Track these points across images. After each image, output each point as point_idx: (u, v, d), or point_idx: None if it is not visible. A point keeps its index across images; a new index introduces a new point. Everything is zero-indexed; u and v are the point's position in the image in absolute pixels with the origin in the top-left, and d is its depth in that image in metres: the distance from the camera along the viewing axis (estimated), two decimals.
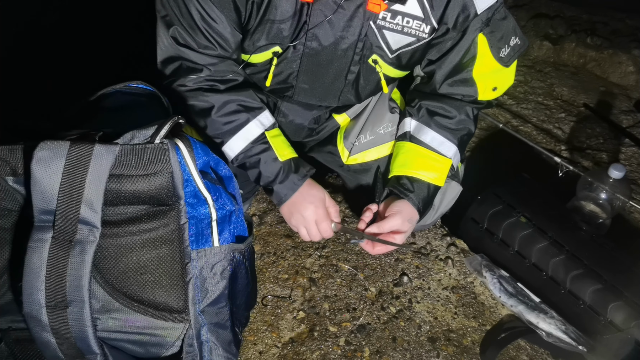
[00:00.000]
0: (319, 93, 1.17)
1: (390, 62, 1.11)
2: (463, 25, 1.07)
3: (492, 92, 1.17)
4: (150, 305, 0.88)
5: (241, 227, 0.99)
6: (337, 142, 1.33)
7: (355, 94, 1.19)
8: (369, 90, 1.19)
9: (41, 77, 1.74)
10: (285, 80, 1.14)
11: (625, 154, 1.92)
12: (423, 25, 1.06)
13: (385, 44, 1.07)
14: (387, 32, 1.05)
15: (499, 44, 1.10)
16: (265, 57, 1.09)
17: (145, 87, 1.04)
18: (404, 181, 1.13)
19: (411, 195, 1.10)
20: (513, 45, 1.12)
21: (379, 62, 1.10)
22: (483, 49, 1.10)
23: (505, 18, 1.09)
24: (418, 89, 1.24)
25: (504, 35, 1.10)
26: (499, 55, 1.11)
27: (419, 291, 1.25)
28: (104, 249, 0.85)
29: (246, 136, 1.08)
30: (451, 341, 1.15)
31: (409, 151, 1.17)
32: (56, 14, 2.13)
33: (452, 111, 1.16)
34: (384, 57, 1.10)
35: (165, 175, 0.83)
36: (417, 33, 1.06)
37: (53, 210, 0.76)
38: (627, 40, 2.49)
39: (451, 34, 1.09)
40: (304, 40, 1.04)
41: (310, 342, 1.12)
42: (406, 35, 1.06)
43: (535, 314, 1.17)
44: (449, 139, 1.16)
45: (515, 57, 1.13)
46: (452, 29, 1.07)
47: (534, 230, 1.26)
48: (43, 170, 0.76)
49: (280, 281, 1.25)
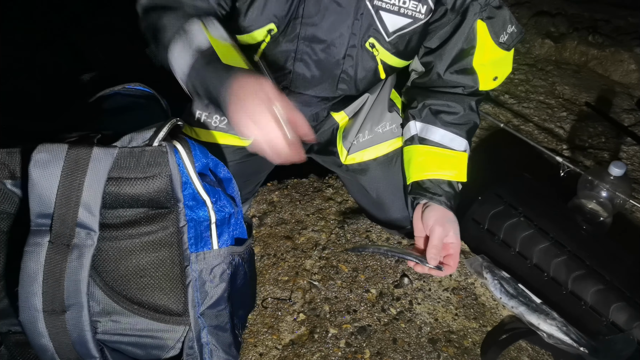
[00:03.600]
0: (317, 80, 1.16)
1: (388, 46, 1.10)
2: (462, 6, 1.07)
3: (493, 82, 1.17)
4: (150, 308, 0.88)
5: (240, 229, 0.99)
6: (337, 141, 1.33)
7: (353, 83, 1.18)
8: (367, 80, 1.18)
9: (39, 78, 1.74)
10: (284, 66, 1.13)
11: (627, 153, 1.91)
12: (419, 5, 1.05)
13: (382, 25, 1.06)
14: (384, 13, 1.05)
15: (497, 30, 1.10)
16: (260, 37, 1.08)
17: (144, 89, 1.04)
18: (428, 185, 1.12)
19: (439, 198, 1.09)
20: (510, 32, 1.11)
21: (376, 46, 1.09)
22: (483, 36, 1.10)
23: (501, 7, 1.09)
24: (417, 85, 1.23)
25: (502, 22, 1.10)
26: (499, 41, 1.11)
27: (420, 292, 1.25)
28: (104, 252, 0.84)
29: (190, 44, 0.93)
30: (452, 342, 1.15)
31: (423, 154, 1.16)
32: (56, 14, 2.13)
33: (456, 106, 1.15)
34: (380, 40, 1.09)
35: (164, 178, 0.82)
36: (413, 14, 1.06)
37: (50, 213, 0.76)
38: (629, 38, 2.48)
39: (449, 16, 1.08)
40: (300, 18, 1.03)
41: (311, 344, 1.12)
42: (402, 16, 1.06)
43: (536, 315, 1.17)
44: (458, 134, 1.15)
45: (513, 43, 1.13)
46: (451, 10, 1.07)
47: (535, 230, 1.25)
48: (41, 173, 0.76)
49: (281, 283, 1.24)
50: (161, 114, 1.02)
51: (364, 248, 1.19)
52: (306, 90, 1.19)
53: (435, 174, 1.13)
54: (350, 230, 1.40)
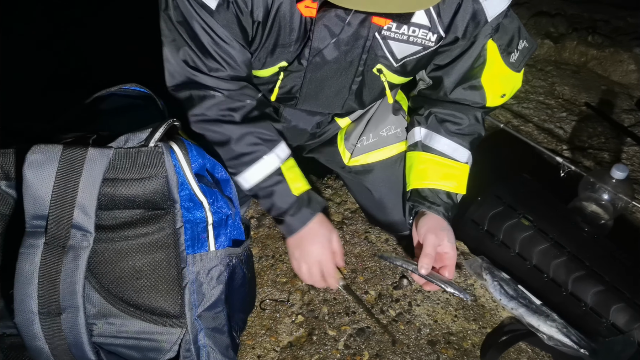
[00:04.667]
0: (323, 103, 1.16)
1: (395, 70, 1.09)
2: (473, 33, 1.04)
3: (500, 99, 1.16)
4: (146, 310, 0.88)
5: (238, 231, 0.98)
6: (338, 143, 1.32)
7: (359, 102, 1.18)
8: (373, 97, 1.18)
9: (36, 79, 1.73)
10: (289, 92, 1.13)
11: (627, 153, 1.90)
12: (429, 34, 1.02)
13: (390, 53, 1.04)
14: (392, 42, 1.03)
15: (508, 49, 1.09)
16: (272, 72, 1.08)
17: (141, 90, 1.03)
18: (427, 193, 1.12)
19: (437, 208, 1.09)
20: (521, 49, 1.10)
21: (384, 71, 1.08)
22: (493, 55, 1.09)
23: (511, 19, 1.07)
24: (424, 94, 1.22)
25: (512, 38, 1.08)
26: (509, 61, 1.10)
27: (419, 294, 1.24)
28: (100, 254, 0.84)
29: (262, 169, 1.04)
30: (451, 344, 1.14)
31: (424, 162, 1.16)
32: (54, 16, 2.13)
33: (462, 117, 1.15)
34: (388, 66, 1.07)
35: (160, 179, 0.82)
36: (423, 42, 1.03)
37: (45, 215, 0.75)
38: (628, 39, 2.48)
39: (460, 43, 1.06)
40: (308, 56, 1.02)
41: (309, 346, 1.11)
42: (412, 44, 1.03)
43: (536, 316, 1.16)
44: (462, 145, 1.15)
45: (524, 61, 1.12)
46: (462, 38, 1.04)
47: (535, 231, 1.24)
48: (35, 174, 0.75)
49: (279, 284, 1.24)
50: (158, 115, 1.02)
51: (391, 259, 1.19)
52: (312, 109, 1.19)
53: (435, 184, 1.12)
54: (349, 232, 1.39)
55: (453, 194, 1.13)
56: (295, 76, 1.08)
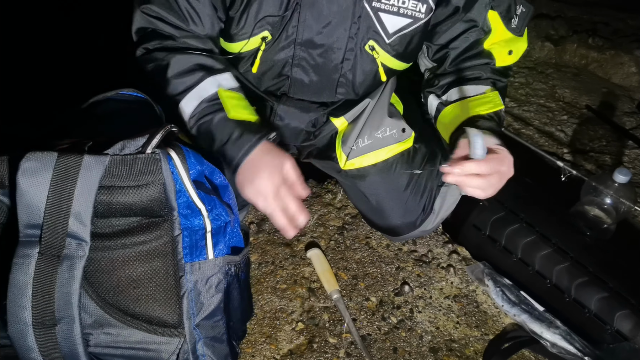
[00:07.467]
0: (315, 86, 1.14)
1: (388, 48, 1.09)
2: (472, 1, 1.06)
3: (509, 57, 1.14)
4: (144, 319, 0.86)
5: (237, 238, 0.97)
6: (336, 146, 1.31)
7: (352, 87, 1.16)
8: (367, 84, 1.16)
9: (31, 84, 1.72)
10: (280, 73, 1.11)
11: (628, 157, 1.89)
12: (419, 4, 1.04)
13: (381, 27, 1.05)
14: (383, 14, 1.03)
15: (508, 15, 1.10)
16: (253, 45, 1.06)
17: (138, 95, 1.01)
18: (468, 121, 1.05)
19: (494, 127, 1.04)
20: (519, 13, 1.11)
21: (376, 48, 1.08)
22: (496, 24, 1.10)
23: None
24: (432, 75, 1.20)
25: (509, 4, 1.10)
26: (511, 27, 1.11)
27: (421, 300, 1.23)
28: (96, 263, 0.82)
29: (199, 94, 0.97)
30: (453, 351, 1.13)
31: (456, 108, 1.10)
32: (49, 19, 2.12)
33: (479, 73, 1.12)
34: (380, 42, 1.07)
35: (158, 186, 0.80)
36: (413, 13, 1.05)
37: (40, 224, 0.74)
38: (628, 41, 2.47)
39: (461, 14, 1.08)
40: (295, 24, 1.01)
41: (310, 354, 1.09)
42: (402, 16, 1.04)
43: (539, 323, 1.15)
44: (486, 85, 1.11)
45: (525, 24, 1.13)
46: (463, 9, 1.06)
47: (537, 236, 1.23)
48: (29, 182, 0.74)
49: (279, 291, 1.22)
50: (155, 120, 1.00)
51: None
52: (305, 95, 1.17)
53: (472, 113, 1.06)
54: (349, 237, 1.37)
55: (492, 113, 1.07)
56: (283, 49, 1.06)
